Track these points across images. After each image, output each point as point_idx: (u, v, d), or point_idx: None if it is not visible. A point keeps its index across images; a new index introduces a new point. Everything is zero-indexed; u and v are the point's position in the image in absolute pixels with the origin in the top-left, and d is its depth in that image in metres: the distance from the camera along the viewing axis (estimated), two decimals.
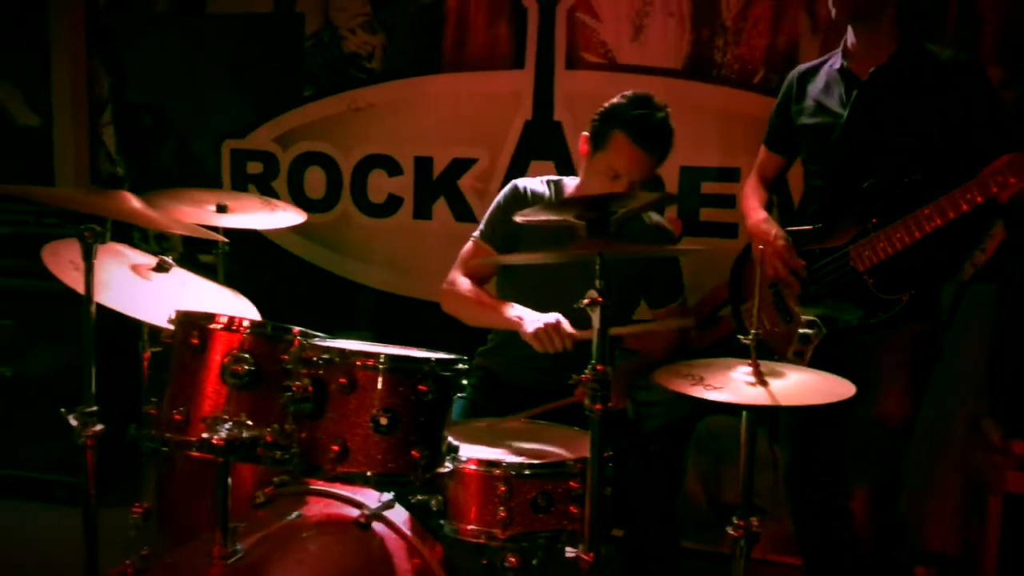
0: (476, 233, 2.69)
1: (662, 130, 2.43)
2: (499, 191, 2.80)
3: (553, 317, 2.33)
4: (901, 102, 2.46)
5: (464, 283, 2.59)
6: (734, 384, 1.88)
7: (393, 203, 3.77)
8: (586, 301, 1.77)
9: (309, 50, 3.80)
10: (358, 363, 1.81)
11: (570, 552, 1.85)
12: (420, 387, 1.82)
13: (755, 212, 2.76)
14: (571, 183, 2.68)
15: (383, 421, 1.79)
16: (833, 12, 2.48)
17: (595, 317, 1.75)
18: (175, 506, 2.38)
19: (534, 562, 2.01)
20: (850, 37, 2.55)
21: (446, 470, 1.91)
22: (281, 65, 3.84)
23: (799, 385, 1.90)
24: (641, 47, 3.41)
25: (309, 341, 1.86)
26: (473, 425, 2.35)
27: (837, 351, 2.52)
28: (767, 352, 2.53)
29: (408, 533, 2.01)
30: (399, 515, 2.05)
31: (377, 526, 1.99)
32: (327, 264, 3.88)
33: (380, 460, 1.81)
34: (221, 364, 1.85)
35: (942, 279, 2.70)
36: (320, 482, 2.07)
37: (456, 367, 1.89)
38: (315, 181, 3.85)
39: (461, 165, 3.67)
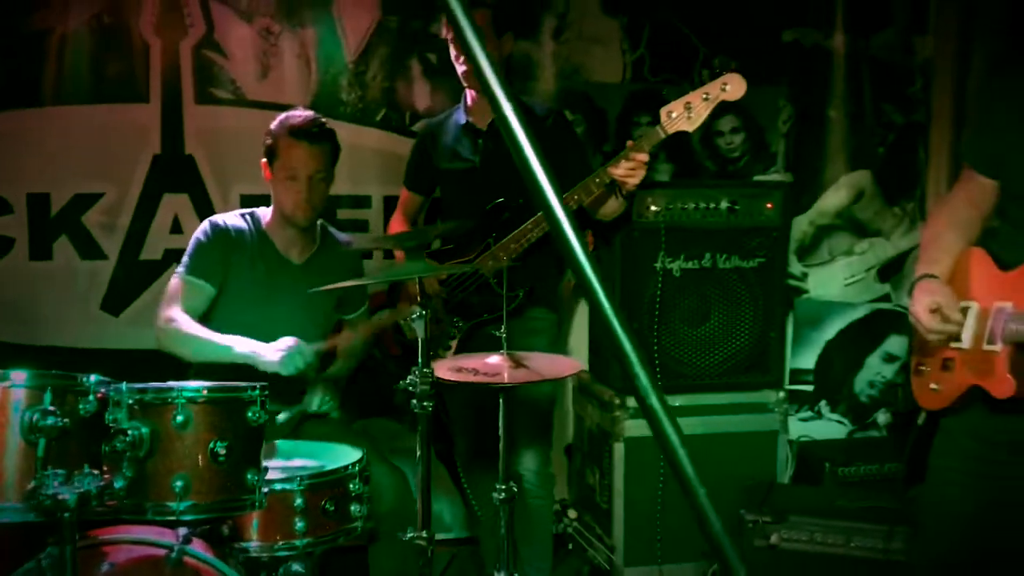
0: (182, 270, 2.74)
1: (319, 124, 2.76)
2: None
3: (292, 340, 2.54)
4: (504, 147, 3.10)
5: (186, 319, 2.64)
6: (508, 370, 2.32)
7: (3, 244, 3.49)
8: (415, 316, 2.07)
9: None
10: (188, 400, 1.89)
11: None
12: (248, 414, 1.96)
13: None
14: (265, 211, 2.86)
15: (221, 452, 1.91)
16: (465, 82, 3.04)
17: (420, 328, 2.07)
18: None
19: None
20: (469, 97, 3.12)
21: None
22: None
23: (548, 361, 2.42)
24: (270, 84, 3.63)
25: (127, 386, 1.89)
26: None
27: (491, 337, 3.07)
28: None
29: (212, 559, 2.11)
30: (199, 545, 2.13)
31: (187, 558, 2.06)
32: None
33: (220, 488, 1.92)
34: (23, 422, 1.80)
35: (552, 277, 3.39)
36: (111, 531, 2.07)
37: (266, 392, 2.05)
38: None
39: (85, 200, 3.54)
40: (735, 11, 3.90)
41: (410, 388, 2.19)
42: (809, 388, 4.08)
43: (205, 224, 2.79)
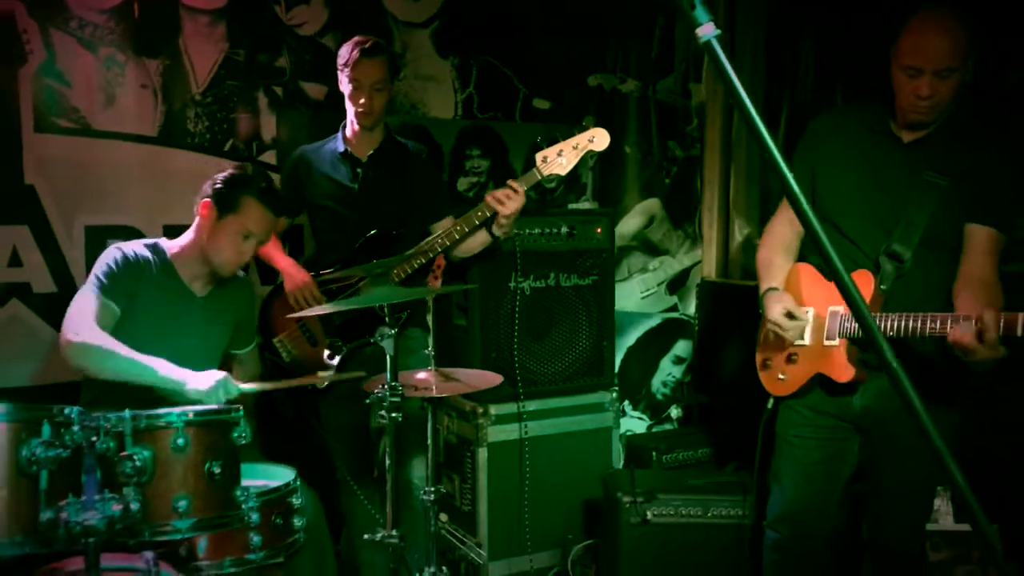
0: (95, 289, 2.71)
1: (279, 194, 2.90)
2: None
3: (221, 373, 2.63)
4: (388, 177, 3.37)
5: (104, 335, 2.62)
6: (438, 383, 2.57)
7: None
8: (385, 335, 2.28)
9: None
10: (185, 424, 2.00)
11: None
12: (232, 435, 2.09)
13: (282, 259, 3.37)
14: (169, 243, 2.89)
15: (216, 471, 2.02)
16: (356, 120, 3.27)
17: (388, 346, 2.28)
18: None
19: None
20: (350, 129, 3.35)
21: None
22: None
23: (474, 376, 2.70)
24: (116, 114, 3.60)
25: (130, 413, 1.96)
26: None
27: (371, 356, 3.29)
28: (302, 371, 3.22)
29: None
30: (166, 567, 2.21)
31: None
32: None
33: (216, 504, 2.03)
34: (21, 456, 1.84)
35: (423, 302, 3.65)
36: (69, 563, 2.10)
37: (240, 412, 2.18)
38: None
39: None
40: (549, 57, 4.37)
41: (380, 400, 2.39)
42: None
43: (113, 250, 2.79)
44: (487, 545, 3.57)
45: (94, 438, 1.92)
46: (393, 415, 2.38)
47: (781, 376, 2.77)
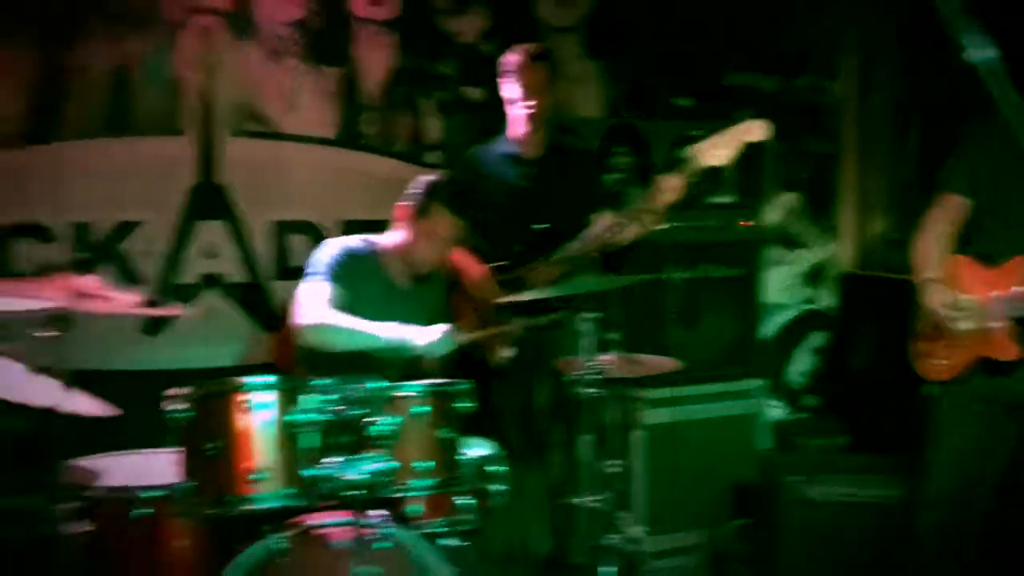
0: (323, 275, 2.97)
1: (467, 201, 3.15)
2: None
3: (446, 326, 2.87)
4: (555, 175, 3.59)
5: (336, 313, 2.88)
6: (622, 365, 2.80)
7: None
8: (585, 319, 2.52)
9: None
10: (424, 394, 2.26)
11: None
12: (459, 404, 2.35)
13: (459, 254, 3.62)
14: (378, 240, 3.16)
15: (447, 436, 2.28)
16: (525, 121, 3.50)
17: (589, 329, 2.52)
18: None
19: None
20: (517, 131, 3.57)
21: None
22: None
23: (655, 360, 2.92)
24: (299, 118, 3.92)
25: (367, 385, 2.23)
26: None
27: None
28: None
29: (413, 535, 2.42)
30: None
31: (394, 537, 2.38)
32: None
33: (446, 469, 2.29)
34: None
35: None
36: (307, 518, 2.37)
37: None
38: None
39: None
40: (690, 56, 4.55)
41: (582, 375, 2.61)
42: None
43: (335, 243, 3.07)
44: (644, 522, 3.77)
45: (345, 406, 2.18)
46: (591, 391, 2.60)
47: (941, 361, 2.90)
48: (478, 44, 4.19)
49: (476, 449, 2.76)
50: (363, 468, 2.08)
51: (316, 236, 3.94)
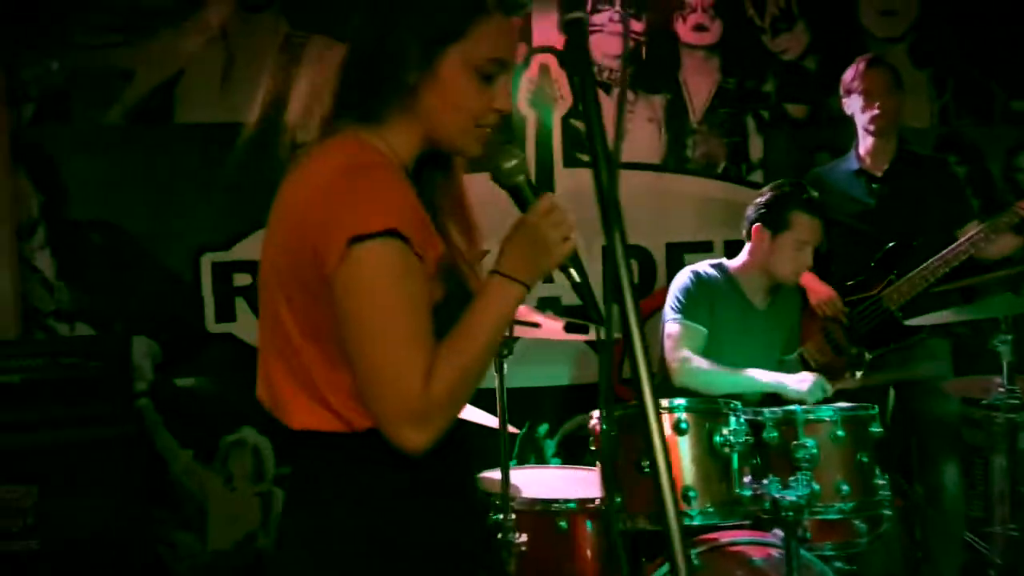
0: (678, 315, 3.04)
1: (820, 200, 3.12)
2: None
3: (815, 375, 2.85)
4: (906, 189, 3.48)
5: (698, 357, 2.94)
6: None
7: None
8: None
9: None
10: (840, 419, 2.27)
11: None
12: (870, 428, 2.34)
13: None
14: (730, 263, 3.20)
15: (864, 459, 2.27)
16: (871, 128, 3.43)
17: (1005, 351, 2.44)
18: None
19: None
20: (863, 147, 3.50)
21: None
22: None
23: None
24: (627, 146, 4.03)
25: (785, 409, 2.27)
26: None
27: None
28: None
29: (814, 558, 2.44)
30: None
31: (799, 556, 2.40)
32: None
33: (864, 490, 2.28)
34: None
35: None
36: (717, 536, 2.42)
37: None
38: None
39: None
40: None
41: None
42: None
43: (688, 273, 3.12)
44: None
45: (770, 429, 2.22)
46: (1010, 416, 2.50)
47: None
48: (800, 60, 4.16)
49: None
50: (790, 490, 2.11)
51: (645, 260, 4.06)
